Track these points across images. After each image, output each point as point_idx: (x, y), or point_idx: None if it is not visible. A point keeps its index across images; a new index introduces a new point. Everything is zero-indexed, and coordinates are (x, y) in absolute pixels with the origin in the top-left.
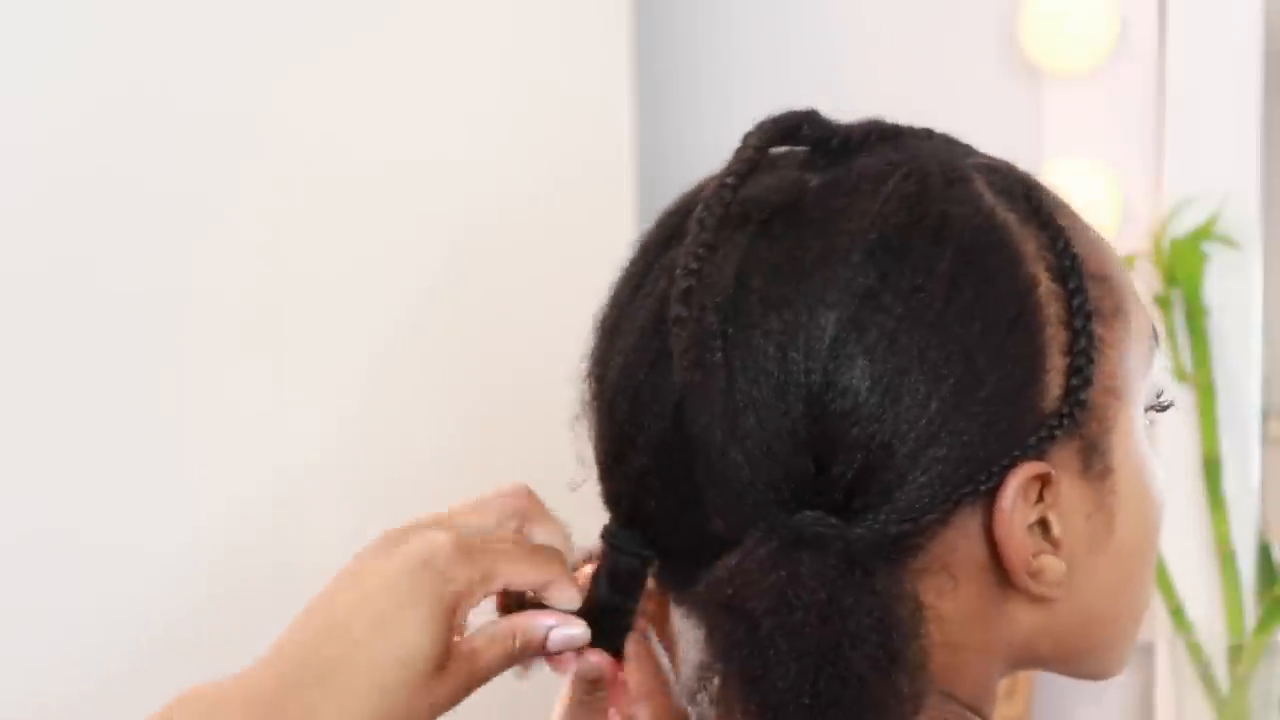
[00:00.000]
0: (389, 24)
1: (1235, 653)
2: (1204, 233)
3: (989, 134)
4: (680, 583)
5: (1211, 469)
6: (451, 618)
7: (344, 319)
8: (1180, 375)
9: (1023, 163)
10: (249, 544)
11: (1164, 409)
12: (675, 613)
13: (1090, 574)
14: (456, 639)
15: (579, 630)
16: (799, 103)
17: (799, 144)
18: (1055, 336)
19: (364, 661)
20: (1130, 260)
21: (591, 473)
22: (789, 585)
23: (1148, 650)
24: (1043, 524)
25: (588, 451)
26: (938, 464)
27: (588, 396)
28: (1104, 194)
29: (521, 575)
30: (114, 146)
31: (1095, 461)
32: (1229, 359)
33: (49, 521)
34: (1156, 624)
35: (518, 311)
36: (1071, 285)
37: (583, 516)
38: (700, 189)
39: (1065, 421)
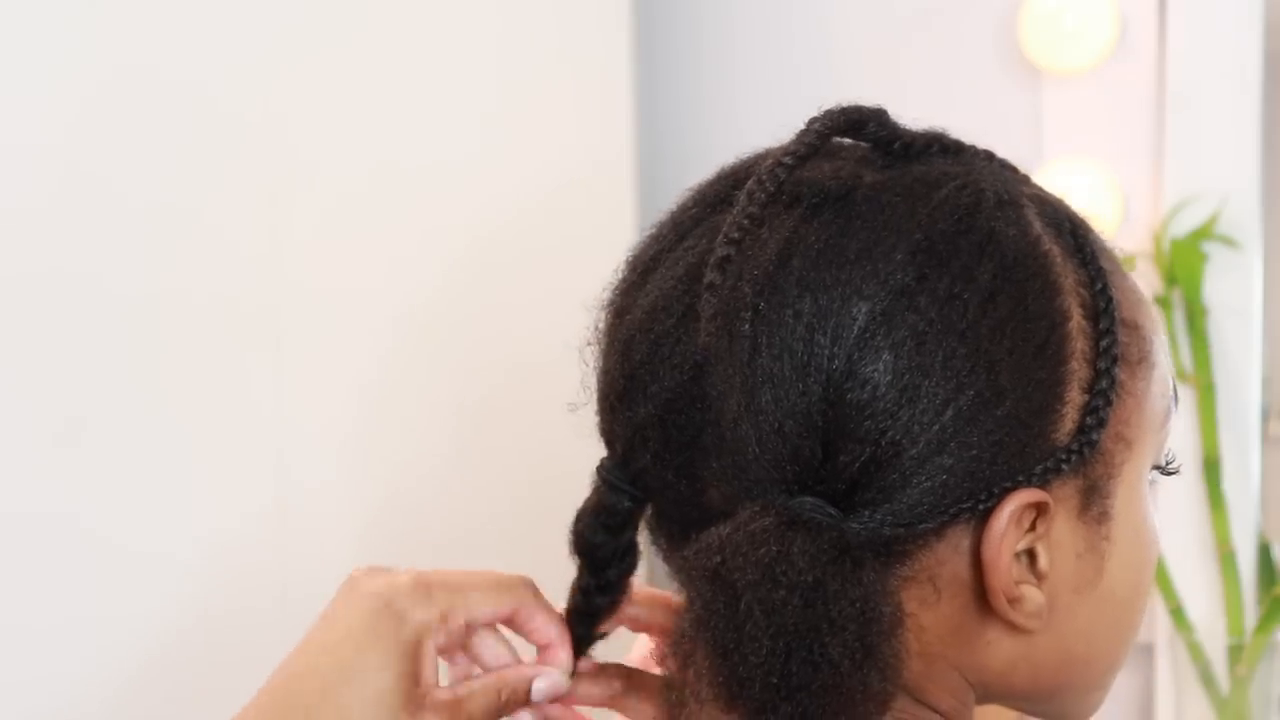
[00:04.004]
0: (388, 25)
1: (1235, 653)
2: (1204, 233)
3: (989, 134)
4: (664, 540)
5: (1211, 469)
6: (415, 656)
7: (342, 319)
8: (1180, 375)
9: (1023, 163)
10: (255, 548)
11: (1170, 473)
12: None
13: (1071, 614)
14: (440, 687)
15: (559, 680)
16: (798, 102)
17: (862, 139)
18: (1078, 372)
19: (337, 705)
20: (1130, 260)
21: (591, 399)
22: (777, 562)
23: (1148, 650)
24: (1031, 554)
25: (591, 380)
26: (942, 473)
27: (604, 325)
28: (1104, 194)
29: (484, 606)
30: (121, 147)
31: (1094, 504)
32: (1229, 359)
33: (50, 524)
34: (1156, 624)
35: (518, 311)
36: (1102, 325)
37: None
38: (759, 157)
39: (1073, 457)
